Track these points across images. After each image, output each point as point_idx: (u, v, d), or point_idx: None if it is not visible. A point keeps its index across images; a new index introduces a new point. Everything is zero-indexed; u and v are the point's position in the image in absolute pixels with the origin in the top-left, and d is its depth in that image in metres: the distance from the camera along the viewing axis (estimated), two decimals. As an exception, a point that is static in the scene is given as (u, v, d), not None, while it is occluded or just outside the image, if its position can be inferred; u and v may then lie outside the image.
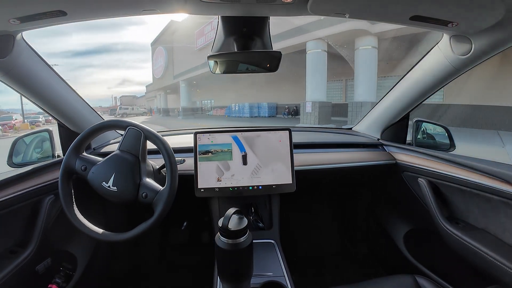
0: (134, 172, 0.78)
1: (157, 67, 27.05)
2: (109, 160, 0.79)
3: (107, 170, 0.77)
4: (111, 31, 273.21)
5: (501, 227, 0.80)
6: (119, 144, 0.81)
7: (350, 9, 0.63)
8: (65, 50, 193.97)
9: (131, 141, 0.80)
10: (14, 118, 16.53)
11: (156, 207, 0.75)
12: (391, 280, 0.80)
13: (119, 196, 0.76)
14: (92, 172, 0.78)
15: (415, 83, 1.02)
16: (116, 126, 0.84)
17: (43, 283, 0.92)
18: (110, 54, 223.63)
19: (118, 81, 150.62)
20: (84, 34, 27.74)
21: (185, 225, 1.45)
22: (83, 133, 0.82)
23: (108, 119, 0.88)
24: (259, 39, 0.76)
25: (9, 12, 0.57)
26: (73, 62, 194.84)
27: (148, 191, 0.76)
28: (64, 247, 1.04)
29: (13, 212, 0.77)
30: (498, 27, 0.65)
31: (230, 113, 20.23)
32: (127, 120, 0.83)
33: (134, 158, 0.79)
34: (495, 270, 0.74)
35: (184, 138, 1.24)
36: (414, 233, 1.22)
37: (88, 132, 0.82)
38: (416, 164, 1.05)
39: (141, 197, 0.76)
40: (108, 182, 0.76)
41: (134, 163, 0.79)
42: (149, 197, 0.76)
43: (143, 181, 0.78)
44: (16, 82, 0.80)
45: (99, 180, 0.77)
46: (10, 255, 0.77)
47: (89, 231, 0.76)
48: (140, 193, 0.76)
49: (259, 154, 0.96)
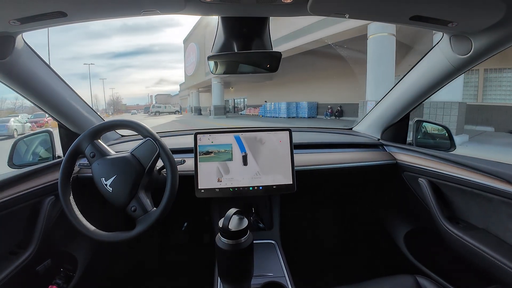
0: (135, 182, 0.77)
1: (189, 65, 25.53)
2: (117, 160, 0.78)
3: (111, 169, 0.77)
4: (149, 34, 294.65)
5: (502, 227, 0.79)
6: (134, 148, 0.81)
7: (350, 9, 0.63)
8: (107, 52, 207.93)
9: (146, 151, 0.80)
10: (47, 116, 18.09)
11: (137, 226, 0.75)
12: (392, 280, 0.80)
13: (111, 198, 0.77)
14: (98, 163, 0.78)
15: (415, 83, 1.02)
16: (138, 130, 0.82)
17: (44, 284, 0.92)
18: (148, 55, 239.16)
19: (155, 80, 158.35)
20: (124, 37, 28.00)
21: (185, 226, 1.45)
22: (108, 122, 0.82)
23: (136, 117, 0.87)
24: (259, 39, 0.76)
25: (9, 13, 0.57)
26: (113, 63, 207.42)
27: (138, 207, 0.76)
28: (65, 248, 1.04)
29: (13, 213, 0.77)
30: (498, 26, 0.65)
31: (265, 112, 18.84)
32: (149, 129, 0.81)
33: (141, 168, 0.79)
34: (496, 270, 0.74)
35: (184, 139, 1.24)
36: (414, 233, 1.22)
37: (113, 124, 0.83)
38: (417, 164, 1.05)
39: (130, 209, 0.76)
40: (107, 181, 0.77)
41: (139, 173, 0.78)
42: (137, 212, 0.76)
43: (139, 195, 0.77)
44: (16, 83, 0.80)
45: (100, 174, 0.77)
46: (11, 256, 0.77)
47: (84, 227, 0.77)
48: (130, 205, 0.76)
49: (260, 154, 0.96)
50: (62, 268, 1.00)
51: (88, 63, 72.03)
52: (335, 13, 0.65)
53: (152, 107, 35.92)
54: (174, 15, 0.65)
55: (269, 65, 0.81)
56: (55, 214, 0.91)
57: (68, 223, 0.76)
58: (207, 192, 0.93)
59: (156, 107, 35.06)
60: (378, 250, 1.44)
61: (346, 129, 1.52)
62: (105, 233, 0.76)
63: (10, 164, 0.97)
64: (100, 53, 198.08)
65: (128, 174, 0.77)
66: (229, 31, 0.75)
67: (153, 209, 0.76)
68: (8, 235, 0.79)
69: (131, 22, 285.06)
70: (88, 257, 1.13)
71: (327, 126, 1.74)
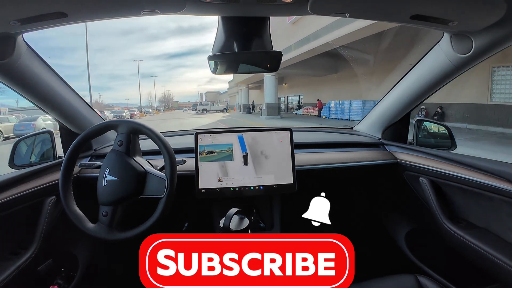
0: (126, 197, 0.76)
1: None
2: (132, 170, 0.77)
3: (120, 171, 0.77)
4: (201, 34, 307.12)
5: (503, 226, 0.79)
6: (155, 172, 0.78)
7: (350, 8, 0.63)
8: (163, 53, 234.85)
9: (154, 186, 0.78)
10: (136, 111, 30.12)
11: (139, 225, 0.75)
12: (393, 280, 0.80)
13: (99, 190, 0.77)
14: (116, 154, 0.77)
15: (416, 82, 1.02)
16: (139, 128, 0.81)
17: (45, 284, 0.92)
18: (200, 55, 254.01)
19: (206, 79, 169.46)
20: (178, 38, 28.43)
21: (186, 226, 1.45)
22: (108, 122, 0.83)
23: (184, 115, 0.85)
24: (260, 39, 0.76)
25: (9, 13, 0.57)
26: (169, 63, 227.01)
27: (109, 216, 0.76)
28: (66, 248, 1.04)
29: (14, 213, 0.77)
30: (499, 25, 0.65)
31: (329, 113, 15.42)
32: (151, 128, 0.79)
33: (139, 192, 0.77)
34: (497, 269, 0.74)
35: (185, 139, 1.24)
36: (415, 233, 1.22)
37: (113, 124, 0.82)
38: (417, 163, 1.05)
39: (101, 213, 0.75)
40: (109, 176, 0.76)
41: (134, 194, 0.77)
42: (104, 219, 0.75)
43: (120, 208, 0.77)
44: (17, 83, 0.80)
45: (108, 164, 0.77)
46: (12, 257, 0.77)
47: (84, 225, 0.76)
48: (101, 211, 0.76)
49: (260, 154, 0.96)
50: (63, 268, 1.01)
51: (137, 59, 73.19)
52: (335, 13, 0.65)
53: (199, 105, 34.21)
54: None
55: (269, 64, 0.81)
56: (56, 214, 0.91)
57: (69, 223, 0.76)
58: (207, 193, 0.93)
59: (203, 105, 33.26)
60: (379, 250, 1.44)
61: (346, 128, 1.52)
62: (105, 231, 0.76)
63: (11, 165, 0.97)
64: (157, 55, 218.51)
65: (126, 185, 0.76)
66: (230, 31, 0.75)
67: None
68: (9, 236, 0.80)
69: (186, 24, 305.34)
70: (89, 257, 1.13)
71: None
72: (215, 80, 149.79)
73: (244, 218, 0.62)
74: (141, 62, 59.44)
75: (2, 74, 0.74)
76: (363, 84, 13.49)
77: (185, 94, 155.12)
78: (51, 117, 1.01)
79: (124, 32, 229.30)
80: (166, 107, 64.74)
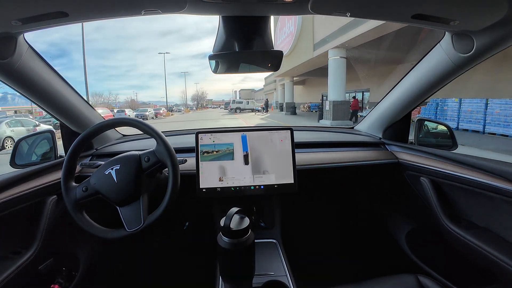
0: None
1: (283, 40, 15.56)
2: (120, 172, 0.79)
3: (117, 166, 0.80)
4: None
5: (504, 226, 0.79)
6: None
7: (351, 8, 0.63)
8: (199, 52, 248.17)
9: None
10: (162, 109, 30.73)
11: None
12: (394, 280, 0.80)
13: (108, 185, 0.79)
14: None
15: (417, 82, 1.02)
16: (140, 128, 0.82)
17: (46, 283, 0.92)
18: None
19: (240, 77, 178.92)
20: (213, 38, 28.69)
21: (187, 225, 1.45)
22: (108, 121, 0.84)
23: (212, 114, 0.86)
24: (260, 38, 0.76)
25: (10, 13, 0.57)
26: (203, 62, 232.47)
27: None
28: (67, 248, 1.04)
29: (16, 212, 0.78)
30: (501, 24, 0.64)
31: (435, 115, 9.50)
32: (152, 126, 0.81)
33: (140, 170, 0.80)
34: (498, 269, 0.74)
35: (186, 138, 1.24)
36: (416, 232, 1.21)
37: (113, 122, 0.84)
38: (418, 163, 1.05)
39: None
40: (111, 173, 0.79)
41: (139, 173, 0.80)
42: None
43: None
44: (18, 83, 0.80)
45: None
46: (13, 256, 0.78)
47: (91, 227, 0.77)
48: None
49: (261, 153, 0.96)
50: (64, 267, 1.01)
51: (163, 52, 74.01)
52: (336, 12, 0.65)
53: (232, 103, 29.36)
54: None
55: (270, 64, 0.81)
56: (58, 213, 0.92)
57: (71, 223, 0.76)
58: (208, 192, 0.93)
59: (237, 103, 28.24)
60: (380, 249, 1.44)
61: (347, 128, 1.52)
62: (108, 230, 0.77)
63: (12, 164, 0.97)
64: (193, 54, 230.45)
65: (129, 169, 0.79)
66: (231, 31, 0.75)
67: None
68: (10, 235, 0.80)
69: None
70: (90, 256, 1.13)
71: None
72: (248, 79, 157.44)
73: (244, 217, 0.62)
74: (177, 61, 60.28)
75: (3, 73, 0.75)
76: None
77: (220, 92, 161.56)
78: (51, 116, 1.02)
79: (163, 33, 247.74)
80: (199, 105, 64.41)
